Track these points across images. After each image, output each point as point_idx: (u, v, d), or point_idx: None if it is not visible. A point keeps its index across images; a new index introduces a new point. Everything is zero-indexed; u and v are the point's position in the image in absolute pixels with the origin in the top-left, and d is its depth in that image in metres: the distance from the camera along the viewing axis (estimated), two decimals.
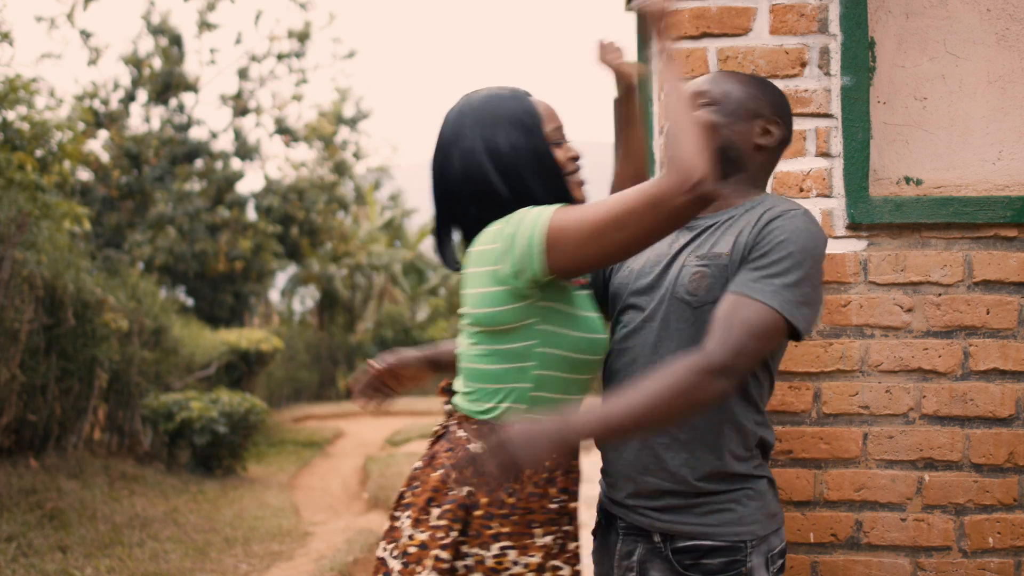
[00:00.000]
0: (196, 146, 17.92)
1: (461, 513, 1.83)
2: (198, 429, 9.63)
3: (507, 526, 1.83)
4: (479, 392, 1.90)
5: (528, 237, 1.76)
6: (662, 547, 1.92)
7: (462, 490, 1.84)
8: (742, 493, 1.92)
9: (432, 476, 1.89)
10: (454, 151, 1.92)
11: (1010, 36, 2.63)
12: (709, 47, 2.58)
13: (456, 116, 1.95)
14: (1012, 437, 2.53)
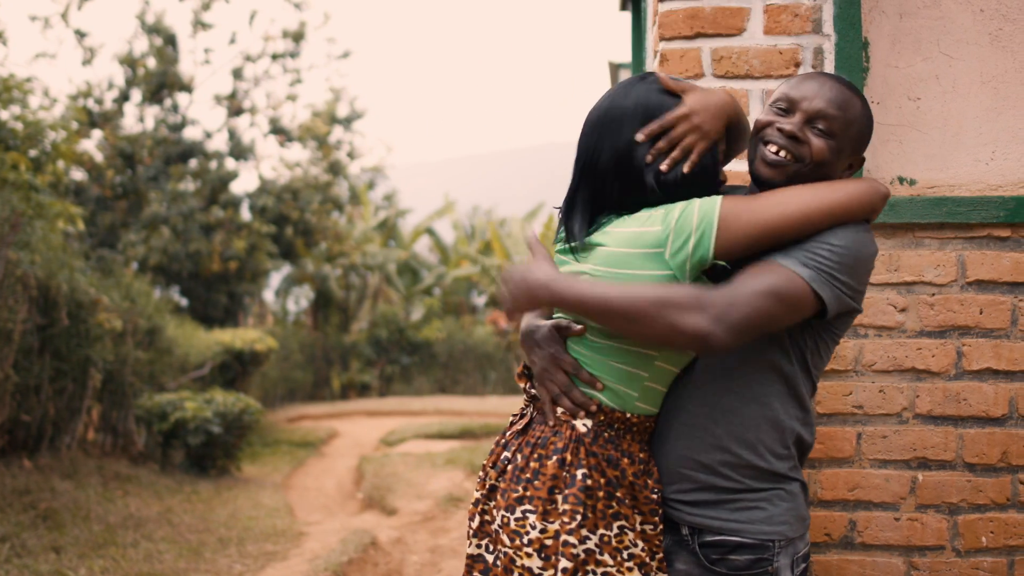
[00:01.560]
0: (190, 146, 17.89)
1: (583, 496, 1.84)
2: (192, 429, 9.61)
3: (623, 507, 1.86)
4: (607, 373, 1.92)
5: (702, 218, 1.79)
6: (689, 540, 1.93)
7: (578, 473, 1.85)
8: (774, 493, 1.93)
9: (548, 464, 1.89)
10: (628, 126, 1.92)
11: (1003, 36, 2.63)
12: (703, 47, 2.58)
13: (637, 94, 1.94)
14: (1005, 436, 2.53)
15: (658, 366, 1.89)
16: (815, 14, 2.57)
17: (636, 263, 1.83)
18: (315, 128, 19.54)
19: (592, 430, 1.89)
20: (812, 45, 2.58)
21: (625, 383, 1.90)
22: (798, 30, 2.57)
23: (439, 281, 25.02)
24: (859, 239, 1.88)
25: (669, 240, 1.81)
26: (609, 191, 1.92)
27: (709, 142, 1.89)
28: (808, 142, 1.92)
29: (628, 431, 1.91)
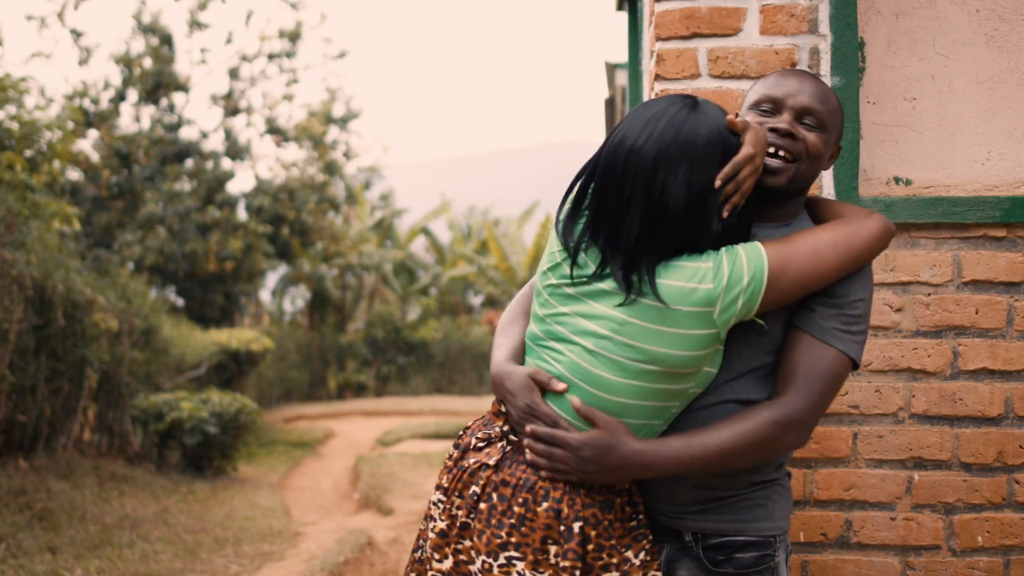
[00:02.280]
0: (186, 146, 17.88)
1: (580, 550, 1.78)
2: (188, 429, 9.61)
3: (614, 555, 1.80)
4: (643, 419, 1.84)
5: (752, 275, 1.75)
6: (693, 546, 1.93)
7: (575, 527, 1.78)
8: (772, 489, 1.94)
9: (539, 511, 1.80)
10: (706, 164, 1.77)
11: (999, 37, 2.63)
12: (699, 47, 2.59)
13: (712, 122, 1.80)
14: (1001, 436, 2.53)
15: (691, 393, 1.85)
16: (811, 14, 2.58)
17: (683, 322, 1.74)
18: (311, 128, 19.53)
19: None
20: (808, 45, 2.58)
21: (654, 417, 1.83)
22: (794, 30, 2.57)
23: (435, 281, 25.03)
24: (871, 281, 1.92)
25: (720, 298, 1.74)
26: (671, 235, 1.77)
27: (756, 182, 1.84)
28: (803, 138, 1.92)
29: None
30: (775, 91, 1.95)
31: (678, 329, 1.75)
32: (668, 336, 1.75)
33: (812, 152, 1.92)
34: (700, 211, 1.76)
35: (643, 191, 1.76)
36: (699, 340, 1.76)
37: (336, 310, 23.10)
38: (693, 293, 1.74)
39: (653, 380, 1.78)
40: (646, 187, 1.76)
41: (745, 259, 1.75)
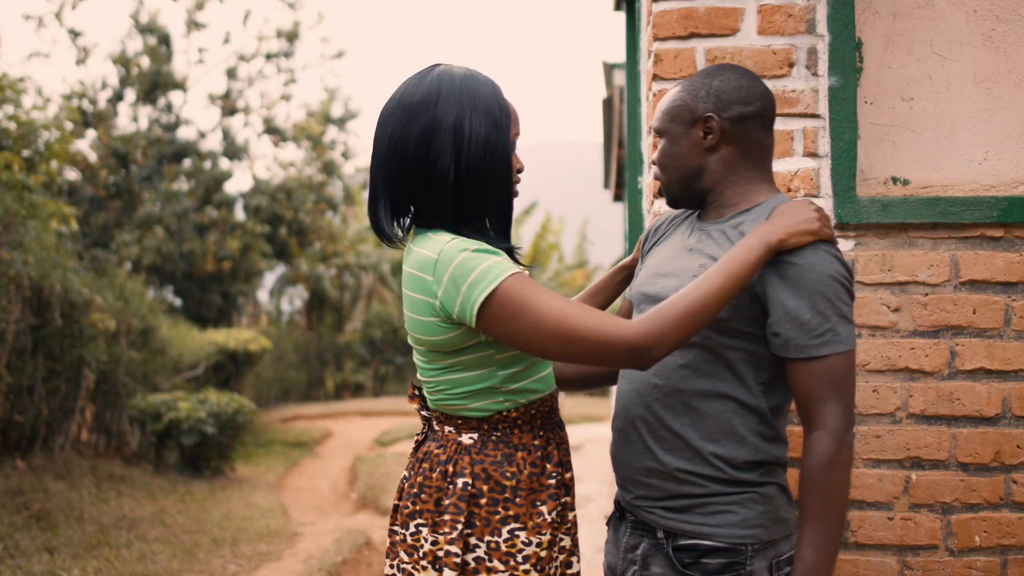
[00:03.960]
0: (184, 146, 17.88)
1: (464, 505, 1.82)
2: (186, 429, 9.61)
3: (512, 508, 1.83)
4: (456, 396, 1.89)
5: (469, 290, 1.72)
6: (664, 543, 1.94)
7: (459, 482, 1.83)
8: (747, 496, 1.91)
9: (433, 476, 1.87)
10: (419, 117, 1.82)
11: (996, 37, 2.64)
12: (697, 47, 2.59)
13: (431, 83, 1.85)
14: (998, 436, 2.54)
15: (499, 359, 1.85)
16: (809, 14, 2.58)
17: (423, 310, 1.89)
18: (309, 128, 19.54)
19: (478, 439, 1.87)
20: (806, 45, 2.58)
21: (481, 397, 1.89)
22: (792, 30, 2.57)
23: None
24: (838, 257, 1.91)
25: (441, 294, 1.84)
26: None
27: None
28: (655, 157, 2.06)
29: (514, 426, 1.88)
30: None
31: (423, 317, 1.85)
32: (420, 323, 1.87)
33: (659, 162, 2.04)
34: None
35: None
36: (439, 327, 1.83)
37: (334, 310, 23.09)
38: (419, 282, 1.83)
39: (436, 358, 1.89)
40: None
41: (482, 268, 1.75)
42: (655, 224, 2.25)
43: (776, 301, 1.85)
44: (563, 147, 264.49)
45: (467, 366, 1.85)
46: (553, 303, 1.70)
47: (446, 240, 1.79)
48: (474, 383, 1.86)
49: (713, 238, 1.98)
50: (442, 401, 1.91)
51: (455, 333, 1.80)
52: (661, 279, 2.02)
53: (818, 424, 1.83)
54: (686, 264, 1.98)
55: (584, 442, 9.93)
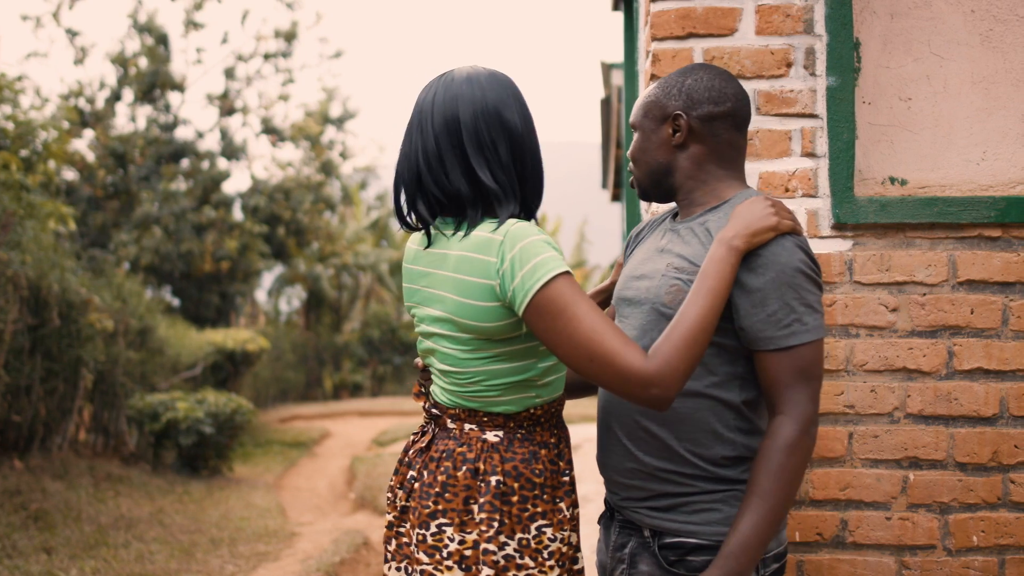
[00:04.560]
0: (182, 146, 17.88)
1: (498, 503, 1.83)
2: (184, 429, 9.60)
3: (540, 505, 1.85)
4: (494, 390, 1.87)
5: (527, 276, 1.73)
6: (651, 542, 1.95)
7: (492, 480, 1.83)
8: (730, 494, 1.91)
9: (459, 475, 1.86)
10: (459, 105, 1.86)
11: (994, 37, 2.64)
12: (695, 48, 2.59)
13: (466, 80, 1.88)
14: (996, 436, 2.54)
15: (542, 350, 1.87)
16: (807, 14, 2.58)
17: (479, 294, 1.90)
18: (307, 128, 19.54)
19: (504, 437, 1.88)
20: (804, 45, 2.58)
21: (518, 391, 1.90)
22: (790, 30, 2.57)
23: None
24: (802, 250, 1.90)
25: (502, 277, 1.87)
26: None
27: None
28: (630, 152, 2.08)
29: (537, 424, 1.90)
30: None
31: (476, 301, 1.85)
32: (471, 308, 1.87)
33: (632, 156, 2.08)
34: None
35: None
36: (495, 312, 1.82)
37: (332, 310, 23.09)
38: (478, 264, 1.83)
39: (479, 346, 1.89)
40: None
41: (542, 258, 1.78)
42: (637, 228, 2.28)
43: (742, 295, 1.86)
44: (561, 147, 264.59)
45: (511, 356, 1.84)
46: (592, 315, 1.71)
47: (512, 223, 1.79)
48: (514, 375, 1.86)
49: (682, 236, 2.00)
50: (475, 394, 1.88)
51: (508, 320, 1.79)
52: (635, 281, 2.04)
53: (784, 410, 1.85)
54: (656, 265, 2.00)
55: (582, 442, 9.93)
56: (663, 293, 1.93)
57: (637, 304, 2.00)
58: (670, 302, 1.91)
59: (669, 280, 1.94)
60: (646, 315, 1.97)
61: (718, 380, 1.92)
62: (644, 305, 1.97)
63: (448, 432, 1.92)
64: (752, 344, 1.87)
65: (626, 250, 2.27)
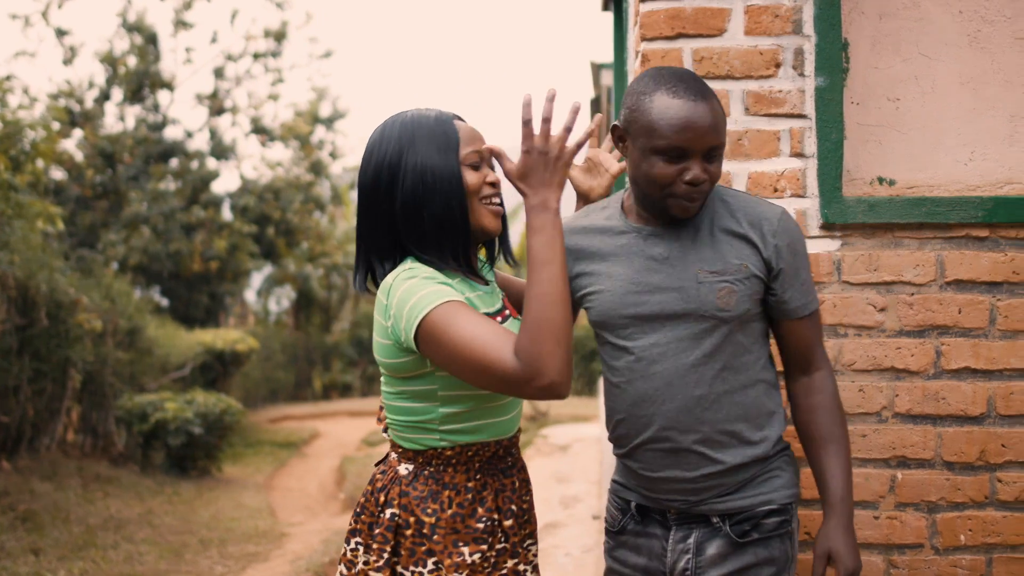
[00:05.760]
0: (171, 145, 17.82)
1: (390, 535, 1.87)
2: (173, 430, 9.57)
3: (427, 544, 1.86)
4: (398, 425, 1.94)
5: (409, 314, 1.77)
6: (721, 526, 2.02)
7: (388, 512, 1.88)
8: (783, 459, 2.08)
9: (371, 501, 1.94)
10: (371, 161, 1.93)
11: (981, 38, 2.65)
12: (684, 48, 2.59)
13: (380, 130, 1.96)
14: (983, 435, 2.55)
15: (441, 395, 1.88)
16: (795, 15, 2.58)
17: (380, 332, 1.95)
18: (297, 128, 19.51)
19: (413, 471, 1.91)
20: (792, 46, 2.58)
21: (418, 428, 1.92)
22: (778, 31, 2.58)
23: None
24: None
25: (392, 318, 1.91)
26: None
27: None
28: (712, 174, 1.97)
29: (448, 465, 1.90)
30: (680, 141, 1.90)
31: (379, 338, 1.92)
32: (377, 343, 1.95)
33: (716, 179, 1.97)
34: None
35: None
36: (391, 349, 1.87)
37: (322, 310, 23.06)
38: (379, 305, 1.90)
39: (388, 381, 1.96)
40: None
41: (416, 297, 1.80)
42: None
43: (792, 271, 2.00)
44: None
45: (412, 396, 1.88)
46: (473, 333, 1.71)
47: (403, 267, 1.87)
48: (413, 415, 1.90)
49: (692, 241, 2.08)
50: (391, 425, 1.96)
51: (406, 359, 1.84)
52: (654, 295, 2.07)
53: (820, 366, 2.10)
54: (679, 274, 2.06)
55: (572, 442, 9.93)
56: (714, 299, 1.96)
57: (676, 317, 1.98)
58: (725, 305, 1.96)
59: (715, 286, 1.96)
60: (695, 324, 1.97)
61: (763, 363, 2.06)
62: (688, 317, 1.97)
63: (387, 456, 2.00)
64: (790, 314, 2.04)
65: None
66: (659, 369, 1.98)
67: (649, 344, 1.99)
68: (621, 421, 2.06)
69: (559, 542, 6.05)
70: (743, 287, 1.97)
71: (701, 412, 1.98)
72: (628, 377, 2.02)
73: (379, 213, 1.92)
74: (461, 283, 1.91)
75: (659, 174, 1.91)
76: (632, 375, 2.01)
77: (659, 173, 1.91)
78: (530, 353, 1.67)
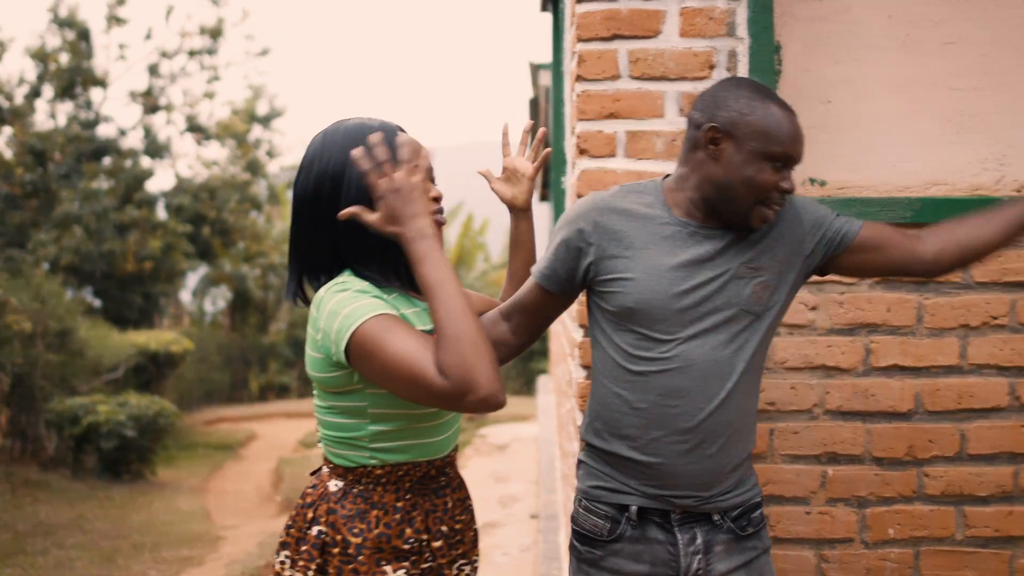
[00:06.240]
0: (104, 143, 17.55)
1: (316, 553, 1.84)
2: (105, 433, 9.42)
3: (353, 563, 1.83)
4: (329, 440, 1.90)
5: (339, 328, 1.73)
6: (723, 523, 2.04)
7: (314, 530, 1.85)
8: (749, 458, 2.12)
9: (299, 515, 1.91)
10: (312, 171, 1.87)
11: (910, 42, 2.70)
12: (620, 49, 2.61)
13: (321, 138, 1.90)
14: (911, 431, 2.60)
15: (371, 413, 1.85)
16: (729, 17, 2.61)
17: (312, 345, 1.90)
18: (233, 126, 19.32)
19: (342, 488, 1.88)
20: (726, 48, 2.61)
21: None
22: (713, 33, 2.61)
23: None
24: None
25: (322, 332, 1.88)
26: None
27: None
28: (794, 186, 2.03)
29: (377, 484, 1.87)
30: (793, 151, 1.96)
31: (311, 351, 1.87)
32: (308, 356, 1.90)
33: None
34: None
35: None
36: (321, 363, 1.82)
37: (258, 310, 22.83)
38: (312, 318, 1.85)
39: (320, 395, 1.92)
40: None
41: (347, 311, 1.76)
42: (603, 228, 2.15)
43: (826, 217, 2.08)
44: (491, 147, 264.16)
45: (342, 412, 1.85)
46: (405, 348, 1.68)
47: (336, 280, 1.83)
48: (343, 431, 1.86)
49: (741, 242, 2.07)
50: (322, 440, 1.92)
51: (336, 373, 1.80)
52: (698, 291, 2.08)
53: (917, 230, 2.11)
54: (719, 270, 2.05)
55: (510, 441, 9.96)
56: (751, 295, 1.99)
57: (715, 312, 1.99)
58: (759, 300, 2.00)
59: (752, 282, 1.99)
60: (731, 319, 1.99)
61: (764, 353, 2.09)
62: (726, 312, 1.99)
63: (320, 469, 1.97)
64: (850, 229, 2.07)
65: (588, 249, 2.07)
66: (695, 361, 1.97)
67: (686, 337, 1.98)
68: (639, 411, 2.01)
69: (497, 541, 6.06)
70: (777, 282, 2.02)
71: (729, 406, 1.99)
72: (660, 367, 1.98)
73: (319, 225, 1.86)
74: (398, 298, 1.87)
75: (763, 179, 1.93)
76: (664, 365, 1.98)
77: (763, 179, 1.93)
78: (457, 368, 1.64)
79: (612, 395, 2.04)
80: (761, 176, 1.93)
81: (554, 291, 2.07)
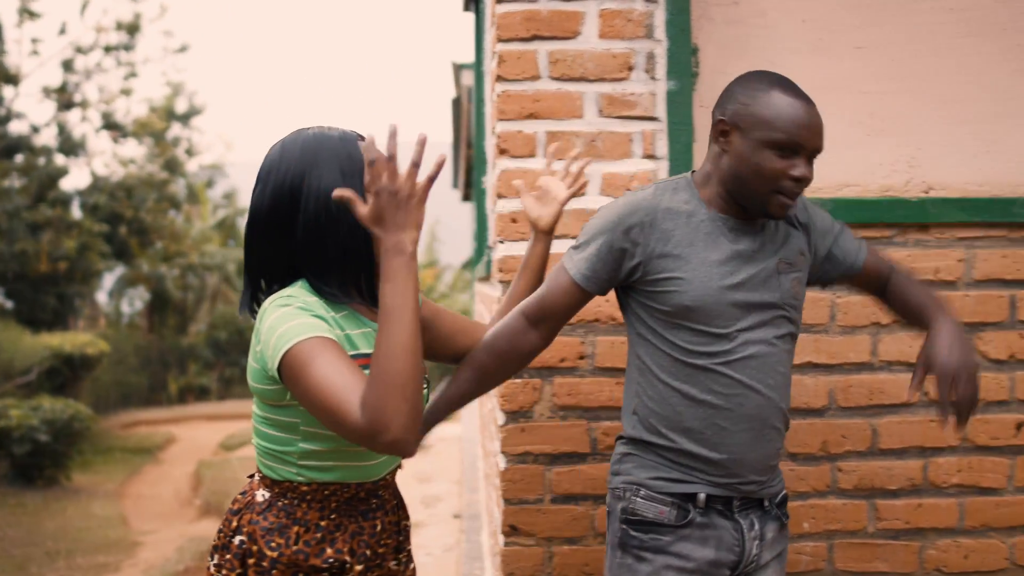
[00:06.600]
0: (16, 140, 17.13)
1: (237, 563, 1.82)
2: (17, 438, 9.24)
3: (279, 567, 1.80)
4: (260, 451, 1.88)
5: (276, 343, 1.69)
6: (771, 509, 2.10)
7: (237, 539, 1.83)
8: None
9: (226, 523, 1.89)
10: (269, 182, 1.82)
11: (824, 46, 2.76)
12: (539, 50, 2.62)
13: (280, 148, 1.85)
14: (825, 427, 2.66)
15: (303, 430, 1.81)
16: (647, 19, 2.64)
17: (251, 355, 1.90)
18: (151, 124, 19.02)
19: (268, 500, 1.85)
20: (645, 50, 2.64)
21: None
22: (631, 34, 2.63)
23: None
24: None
25: (261, 344, 1.85)
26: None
27: None
28: (810, 177, 2.05)
29: (303, 500, 1.84)
30: (799, 137, 1.96)
31: (251, 361, 1.85)
32: (248, 367, 1.88)
33: (810, 183, 2.04)
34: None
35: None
36: (258, 374, 1.79)
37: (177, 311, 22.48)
38: (255, 329, 1.82)
39: (257, 406, 1.89)
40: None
41: (285, 327, 1.71)
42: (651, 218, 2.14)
43: (837, 230, 2.22)
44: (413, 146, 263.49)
45: (275, 425, 1.82)
46: (329, 376, 1.62)
47: (282, 293, 1.78)
48: (275, 443, 1.83)
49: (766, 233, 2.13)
50: (255, 449, 1.90)
51: (271, 387, 1.76)
52: (748, 286, 2.10)
53: (891, 266, 2.25)
54: (761, 265, 2.10)
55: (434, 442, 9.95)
56: (791, 288, 2.06)
57: (764, 306, 2.04)
58: (797, 294, 2.09)
59: (790, 276, 2.07)
60: (777, 312, 2.05)
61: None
62: (772, 306, 2.05)
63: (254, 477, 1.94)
64: (859, 259, 2.20)
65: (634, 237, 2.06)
66: (753, 352, 2.02)
67: (743, 328, 2.02)
68: (703, 403, 2.02)
69: (421, 542, 6.05)
70: (805, 276, 2.12)
71: (783, 392, 2.07)
72: (722, 360, 2.01)
73: (276, 239, 1.81)
74: (347, 318, 1.82)
75: (769, 167, 1.95)
76: (726, 358, 2.01)
77: (770, 167, 1.95)
78: (375, 408, 1.57)
79: (671, 391, 2.05)
80: (768, 164, 1.95)
81: (593, 291, 2.08)
